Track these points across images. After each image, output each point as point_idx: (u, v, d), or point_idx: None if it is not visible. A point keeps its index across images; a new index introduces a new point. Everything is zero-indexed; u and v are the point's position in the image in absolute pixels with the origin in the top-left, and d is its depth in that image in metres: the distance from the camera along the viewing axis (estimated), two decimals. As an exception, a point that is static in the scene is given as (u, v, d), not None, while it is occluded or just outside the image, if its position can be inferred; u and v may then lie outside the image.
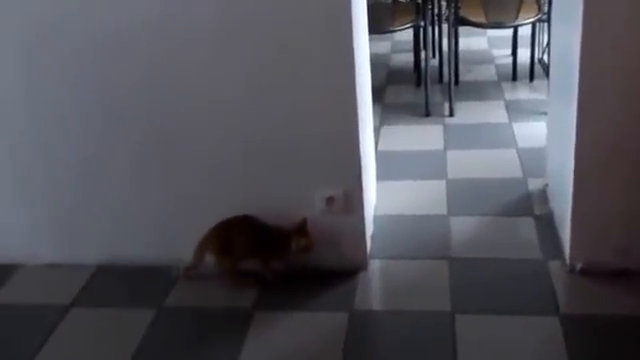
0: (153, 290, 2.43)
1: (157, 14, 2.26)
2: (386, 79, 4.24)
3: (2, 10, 2.32)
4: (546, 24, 3.80)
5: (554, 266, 2.41)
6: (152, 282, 2.46)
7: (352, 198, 2.42)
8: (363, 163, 2.44)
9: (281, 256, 2.38)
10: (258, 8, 2.21)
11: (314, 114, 2.33)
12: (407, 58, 4.42)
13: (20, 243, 2.63)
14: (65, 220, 2.59)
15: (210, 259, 2.40)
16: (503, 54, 4.51)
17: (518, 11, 3.65)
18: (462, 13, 3.77)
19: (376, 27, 3.27)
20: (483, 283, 2.38)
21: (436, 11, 4.06)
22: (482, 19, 3.74)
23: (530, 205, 2.80)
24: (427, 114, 3.72)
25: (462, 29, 3.83)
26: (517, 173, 3.08)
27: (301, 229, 2.34)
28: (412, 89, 4.11)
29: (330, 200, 2.41)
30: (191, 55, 2.31)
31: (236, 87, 2.33)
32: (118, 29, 2.29)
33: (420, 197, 2.94)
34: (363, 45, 2.56)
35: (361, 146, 2.39)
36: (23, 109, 2.45)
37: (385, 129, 3.59)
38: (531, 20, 3.76)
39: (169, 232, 2.53)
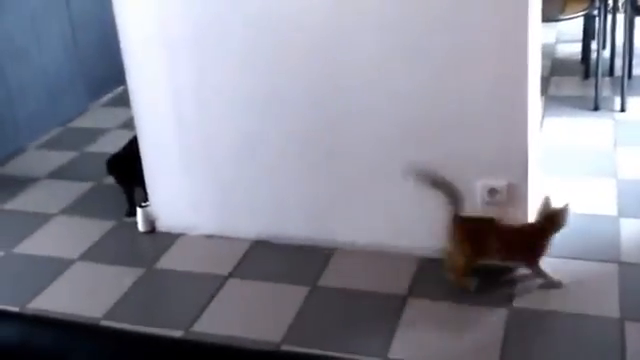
0: (307, 268, 2.45)
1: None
2: (550, 70, 4.02)
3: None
4: None
5: None
6: (306, 260, 2.48)
7: (516, 191, 2.32)
8: (529, 155, 2.32)
9: (539, 251, 2.25)
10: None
11: (483, 101, 2.25)
12: (573, 49, 4.18)
13: (183, 214, 2.76)
14: (226, 195, 2.68)
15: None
16: (682, 48, 4.15)
17: None
18: (641, 2, 3.50)
19: (545, 15, 3.10)
20: (658, 292, 2.20)
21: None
22: (664, 9, 3.46)
23: None
24: (596, 108, 3.50)
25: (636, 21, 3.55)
26: (699, 177, 2.83)
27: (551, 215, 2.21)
28: (578, 81, 3.88)
29: (492, 192, 2.31)
30: (357, 44, 2.30)
31: (401, 74, 2.29)
32: (293, 20, 2.34)
33: (587, 195, 2.76)
34: (536, 33, 2.43)
35: (529, 137, 2.28)
36: (190, 92, 2.55)
37: (548, 121, 3.41)
38: None
39: (324, 214, 2.54)
